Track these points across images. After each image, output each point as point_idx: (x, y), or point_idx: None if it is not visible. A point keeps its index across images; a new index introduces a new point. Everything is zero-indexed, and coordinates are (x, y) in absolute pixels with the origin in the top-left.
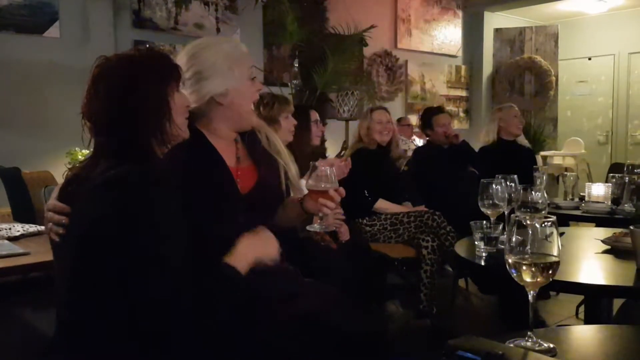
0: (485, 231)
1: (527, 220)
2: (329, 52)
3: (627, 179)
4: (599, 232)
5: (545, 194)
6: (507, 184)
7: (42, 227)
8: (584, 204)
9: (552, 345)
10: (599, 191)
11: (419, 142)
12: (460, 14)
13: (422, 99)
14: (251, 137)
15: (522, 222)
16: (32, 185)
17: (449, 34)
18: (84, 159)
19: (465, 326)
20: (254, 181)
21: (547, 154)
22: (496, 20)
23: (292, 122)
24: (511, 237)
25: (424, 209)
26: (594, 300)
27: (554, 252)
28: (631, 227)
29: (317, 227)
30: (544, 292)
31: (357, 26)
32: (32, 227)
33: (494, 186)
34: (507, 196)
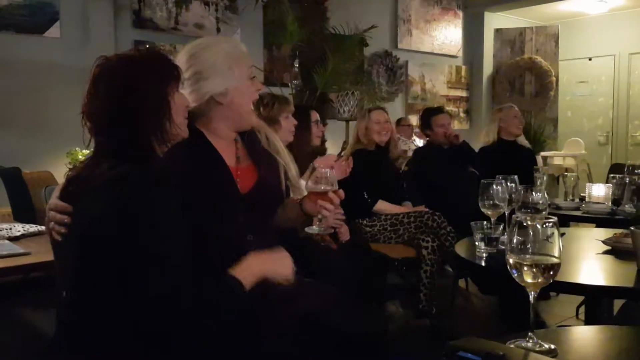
0: (485, 232)
1: (528, 221)
2: (329, 52)
3: (627, 179)
4: (599, 233)
5: (545, 195)
6: (508, 184)
7: (43, 227)
8: (584, 205)
9: (552, 346)
10: (599, 192)
11: (419, 142)
12: (460, 14)
13: (422, 99)
14: (251, 137)
15: (523, 222)
16: (33, 185)
17: (449, 34)
18: (84, 158)
19: (465, 326)
20: (254, 181)
21: (547, 154)
22: (496, 20)
23: (292, 122)
24: (512, 237)
25: (424, 209)
26: (594, 301)
27: (555, 253)
28: (632, 227)
29: (315, 229)
30: (544, 292)
31: (358, 26)
32: (32, 227)
33: (495, 187)
34: (507, 197)
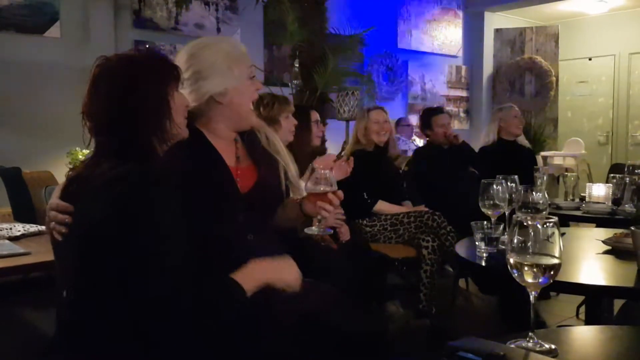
0: (486, 232)
1: (529, 221)
2: (329, 52)
3: (627, 179)
4: (599, 233)
5: (546, 195)
6: (508, 184)
7: (43, 227)
8: (584, 205)
9: (553, 346)
10: (599, 192)
11: (419, 142)
12: (460, 14)
13: (422, 99)
14: (251, 136)
15: (524, 222)
16: (33, 185)
17: (449, 34)
18: (85, 158)
19: (465, 326)
20: (254, 181)
21: (547, 154)
22: (496, 20)
23: (292, 122)
24: (513, 237)
25: (423, 208)
26: (594, 300)
27: (555, 253)
28: (632, 227)
29: (315, 230)
30: (544, 292)
31: (358, 26)
32: (32, 227)
33: (495, 187)
34: (507, 197)
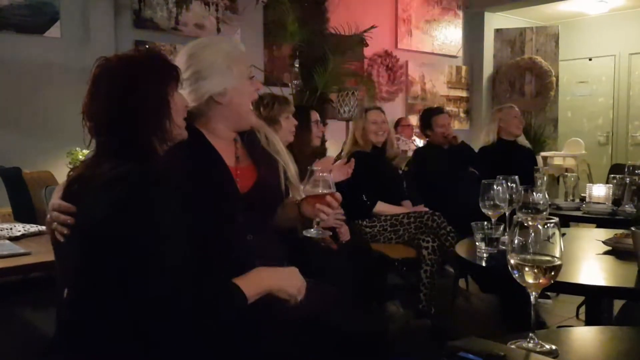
0: (486, 232)
1: (530, 221)
2: (329, 53)
3: (628, 179)
4: (599, 233)
5: (546, 195)
6: (508, 184)
7: (43, 227)
8: (584, 205)
9: (553, 346)
10: (599, 192)
11: (419, 142)
12: (460, 14)
13: (422, 99)
14: (250, 136)
15: (524, 223)
16: (33, 185)
17: (449, 35)
18: (86, 158)
19: (465, 326)
20: (253, 181)
21: (547, 154)
22: (497, 20)
23: (292, 122)
24: (513, 238)
25: (423, 208)
26: (594, 301)
27: (556, 254)
28: (632, 228)
29: (313, 232)
30: (544, 292)
31: (358, 26)
32: (33, 227)
33: (495, 187)
34: (508, 197)
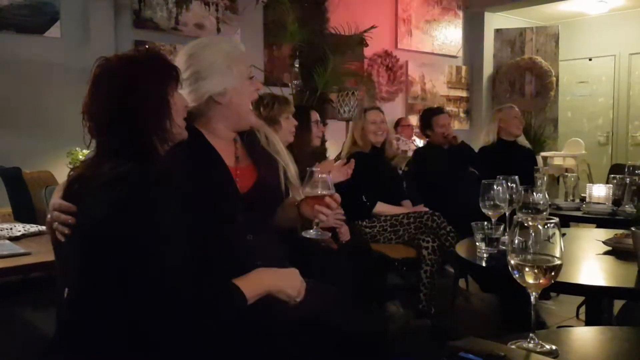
0: (486, 232)
1: (530, 221)
2: (329, 53)
3: (628, 180)
4: (599, 233)
5: (546, 195)
6: (508, 185)
7: (43, 227)
8: (584, 205)
9: (554, 346)
10: (599, 192)
11: (419, 142)
12: (460, 14)
13: (422, 99)
14: (250, 136)
15: (525, 223)
16: (33, 185)
17: (449, 35)
18: (86, 158)
19: (465, 326)
20: (253, 181)
21: (547, 154)
22: (497, 20)
23: (292, 122)
24: (513, 238)
25: (423, 208)
26: (594, 301)
27: (556, 254)
28: (632, 228)
29: (312, 233)
30: (544, 292)
31: (358, 26)
32: (33, 227)
33: (495, 187)
34: (508, 197)
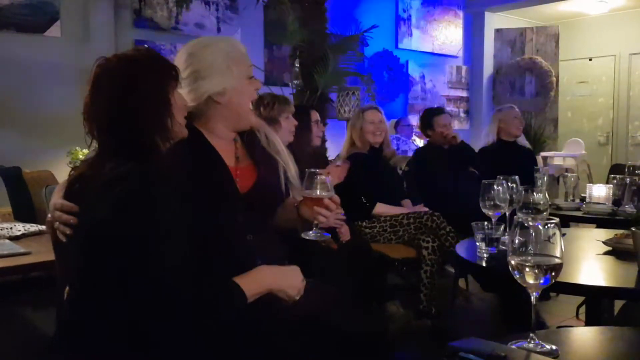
0: (486, 232)
1: (530, 221)
2: (329, 52)
3: (628, 180)
4: (600, 234)
5: (547, 195)
6: (509, 185)
7: (44, 227)
8: (585, 205)
9: (554, 347)
10: (600, 192)
11: (419, 142)
12: (461, 14)
13: (422, 99)
14: (250, 136)
15: (525, 223)
16: (33, 184)
17: (449, 35)
18: (87, 157)
19: (465, 327)
20: (253, 181)
21: (547, 154)
22: (497, 20)
23: (292, 122)
24: (514, 238)
25: (423, 208)
26: (594, 301)
27: (556, 254)
28: (632, 228)
29: (312, 234)
30: (544, 293)
31: (358, 26)
32: (33, 227)
33: (496, 187)
34: (508, 197)
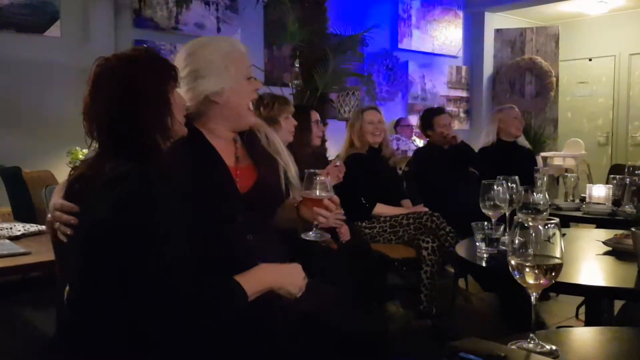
0: (486, 232)
1: (530, 222)
2: (329, 52)
3: (627, 180)
4: (599, 234)
5: (546, 195)
6: (509, 185)
7: (43, 227)
8: (584, 206)
9: (554, 347)
10: (599, 192)
11: (419, 142)
12: (461, 14)
13: (422, 99)
14: (250, 136)
15: (525, 223)
16: (33, 184)
17: (449, 35)
18: (87, 157)
19: (465, 327)
20: (253, 181)
21: (547, 154)
22: (497, 20)
23: (292, 122)
24: (514, 238)
25: (423, 208)
26: (594, 301)
27: (556, 254)
28: (632, 228)
29: (312, 235)
30: (544, 293)
31: (358, 26)
32: (33, 227)
33: (495, 187)
34: (508, 197)
